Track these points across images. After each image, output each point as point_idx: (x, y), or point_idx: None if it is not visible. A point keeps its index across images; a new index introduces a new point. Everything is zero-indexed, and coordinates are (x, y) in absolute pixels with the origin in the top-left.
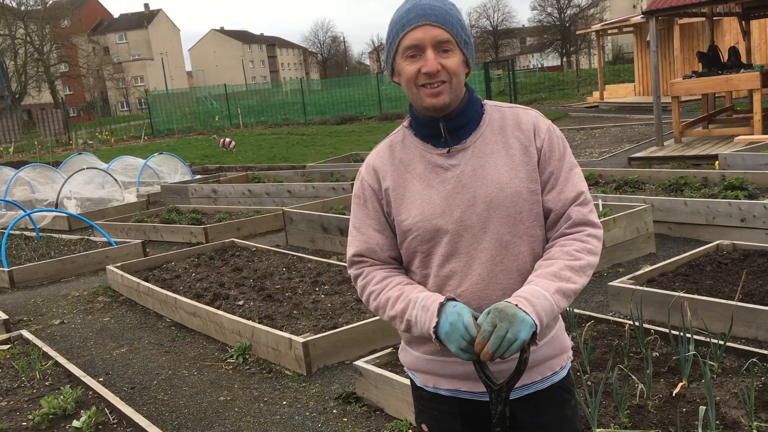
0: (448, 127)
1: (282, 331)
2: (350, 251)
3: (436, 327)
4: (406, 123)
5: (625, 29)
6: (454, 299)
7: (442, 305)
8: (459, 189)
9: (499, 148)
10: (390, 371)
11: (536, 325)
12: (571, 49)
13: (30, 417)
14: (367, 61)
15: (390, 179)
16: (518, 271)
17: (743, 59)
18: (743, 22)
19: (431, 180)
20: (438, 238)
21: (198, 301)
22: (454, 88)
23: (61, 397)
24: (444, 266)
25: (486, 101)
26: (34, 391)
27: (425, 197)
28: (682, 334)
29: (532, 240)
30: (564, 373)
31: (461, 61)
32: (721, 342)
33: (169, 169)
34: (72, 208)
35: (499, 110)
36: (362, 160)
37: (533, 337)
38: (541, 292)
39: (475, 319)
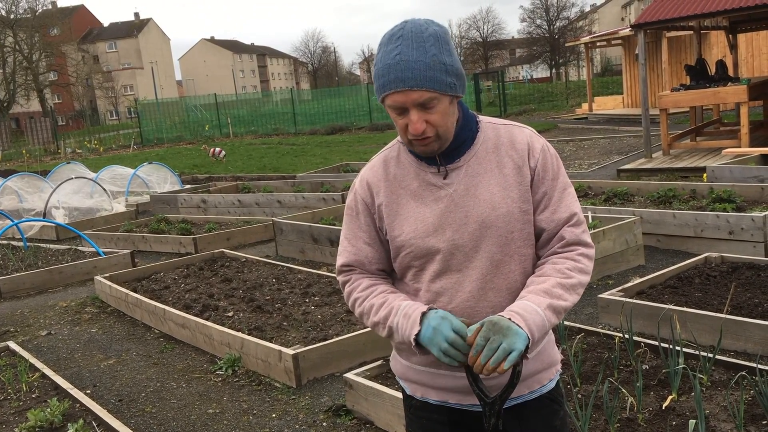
0: (442, 152)
1: (271, 342)
2: (340, 261)
3: (418, 335)
4: (400, 138)
5: (613, 42)
6: (434, 308)
7: (424, 314)
8: (452, 208)
9: (492, 167)
10: (380, 384)
11: (529, 339)
12: (561, 60)
13: (16, 430)
14: (358, 72)
15: (383, 195)
16: (508, 289)
17: (730, 72)
18: (730, 35)
19: (425, 198)
20: (430, 255)
21: (187, 312)
22: (443, 134)
23: (48, 409)
24: (435, 282)
25: (481, 117)
26: (21, 403)
27: (418, 215)
28: (671, 346)
29: (523, 259)
30: (552, 384)
31: (448, 105)
32: (711, 355)
33: (159, 179)
34: (60, 217)
35: (494, 128)
36: (352, 171)
37: (524, 351)
38: (533, 308)
39: (468, 326)
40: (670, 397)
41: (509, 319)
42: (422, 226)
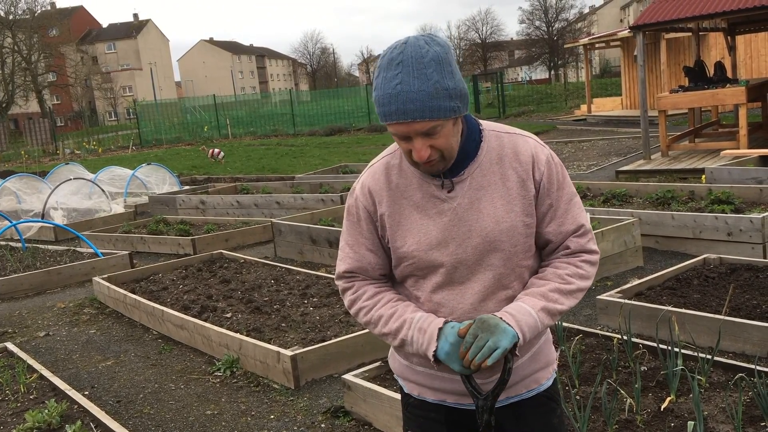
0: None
1: (270, 344)
2: (341, 267)
3: (436, 350)
4: None
5: (612, 43)
6: (450, 321)
7: (440, 329)
8: (455, 222)
9: (496, 179)
10: (379, 385)
11: (518, 337)
12: (559, 62)
13: (14, 431)
14: (357, 73)
15: (386, 205)
16: (508, 300)
17: (729, 74)
18: (729, 37)
19: (428, 210)
20: (433, 268)
21: (185, 314)
22: (449, 154)
23: (46, 411)
24: (436, 293)
25: (484, 125)
26: (19, 404)
27: (422, 227)
28: (670, 348)
29: (522, 270)
30: (549, 383)
31: (452, 126)
32: (709, 356)
33: (157, 180)
34: (58, 218)
35: (497, 137)
36: (351, 172)
37: (515, 348)
38: (527, 309)
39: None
40: (669, 399)
41: (500, 318)
42: (425, 239)
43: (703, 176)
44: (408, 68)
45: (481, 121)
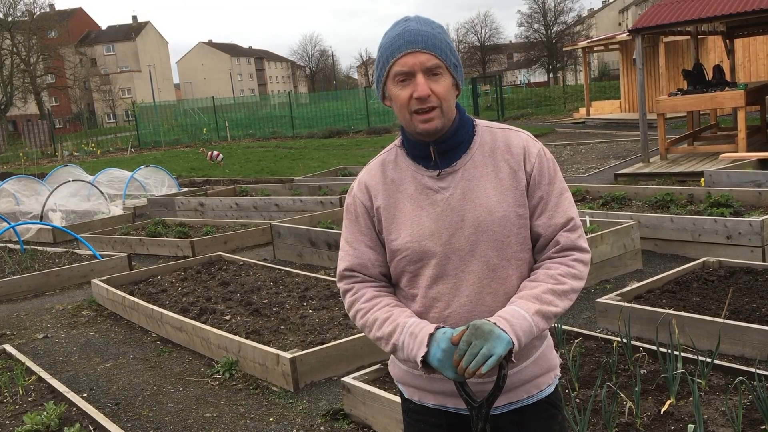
0: (438, 149)
1: (269, 346)
2: (341, 265)
3: (426, 356)
4: (398, 142)
5: (611, 46)
6: (441, 327)
7: (431, 335)
8: (448, 212)
9: (488, 171)
10: (378, 388)
11: (513, 343)
12: (558, 65)
13: None
14: (355, 75)
15: (381, 198)
16: (506, 294)
17: (728, 77)
18: (727, 40)
19: (421, 201)
20: (426, 259)
21: (184, 316)
22: (445, 112)
23: (45, 413)
24: (432, 288)
25: (477, 121)
26: (17, 407)
27: (415, 219)
28: (669, 351)
29: (519, 263)
30: (551, 389)
31: (451, 84)
32: (709, 359)
33: (156, 182)
34: (57, 220)
35: (490, 132)
36: (350, 174)
37: (510, 354)
38: (521, 313)
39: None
40: (669, 402)
41: (494, 323)
42: (419, 230)
43: (702, 179)
44: (415, 21)
45: (474, 118)
